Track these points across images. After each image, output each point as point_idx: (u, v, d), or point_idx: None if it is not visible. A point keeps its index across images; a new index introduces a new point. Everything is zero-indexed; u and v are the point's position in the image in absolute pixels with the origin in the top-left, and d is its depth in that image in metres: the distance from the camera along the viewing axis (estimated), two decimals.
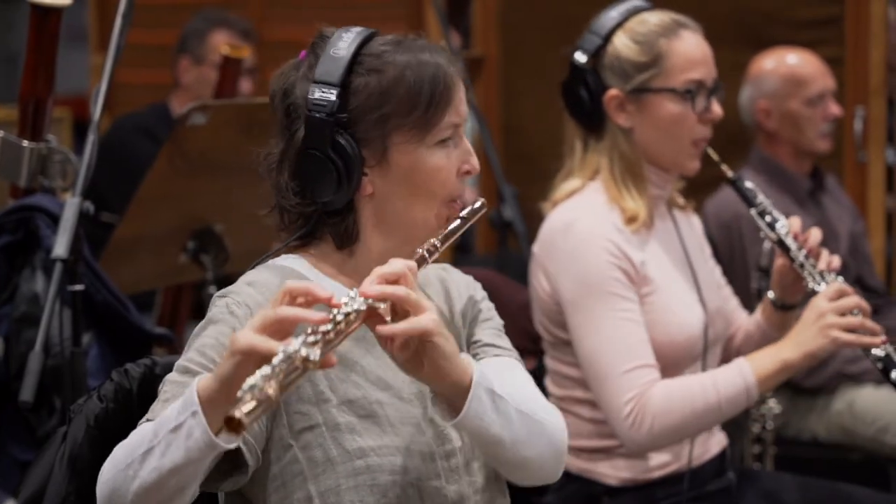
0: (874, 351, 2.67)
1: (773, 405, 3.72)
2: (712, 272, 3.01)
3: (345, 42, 2.05)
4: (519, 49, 5.56)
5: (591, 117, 2.81)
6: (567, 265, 2.73)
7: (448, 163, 2.07)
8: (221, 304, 2.02)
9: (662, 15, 2.81)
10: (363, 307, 1.82)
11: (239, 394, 1.66)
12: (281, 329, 1.76)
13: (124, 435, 1.91)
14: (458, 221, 2.07)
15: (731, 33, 2.78)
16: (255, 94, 4.64)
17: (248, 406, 1.66)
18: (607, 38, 2.80)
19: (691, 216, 3.02)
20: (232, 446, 1.81)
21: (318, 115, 2.02)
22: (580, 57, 2.82)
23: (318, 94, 2.02)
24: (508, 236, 4.09)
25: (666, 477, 2.82)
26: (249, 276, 2.08)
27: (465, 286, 2.23)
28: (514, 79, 5.58)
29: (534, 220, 4.73)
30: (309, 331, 1.76)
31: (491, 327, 2.21)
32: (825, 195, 4.28)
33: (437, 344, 1.88)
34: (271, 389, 1.66)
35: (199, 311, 4.04)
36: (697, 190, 3.05)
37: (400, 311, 1.87)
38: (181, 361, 1.97)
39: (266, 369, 1.68)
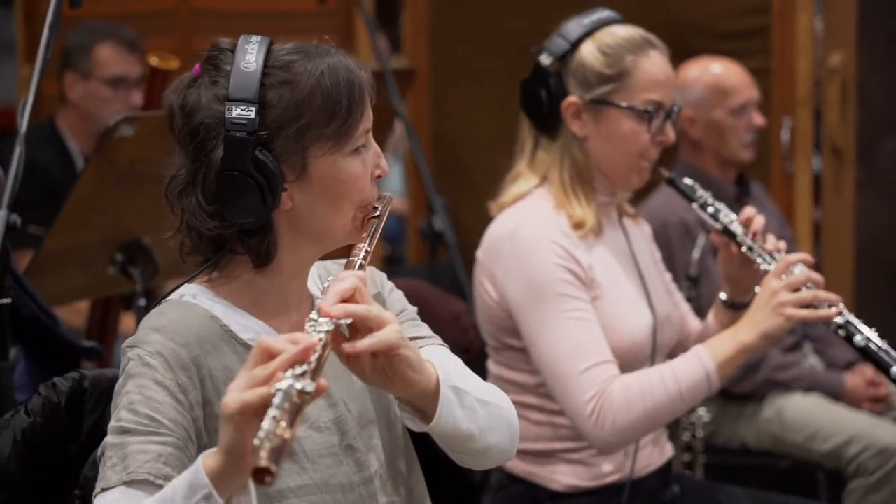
0: (835, 319, 2.66)
1: (703, 413, 3.75)
2: (662, 279, 3.02)
3: (252, 54, 1.98)
4: (448, 60, 5.57)
5: (547, 120, 2.82)
6: (515, 270, 2.74)
7: (364, 169, 2.04)
8: (134, 355, 1.96)
9: (633, 31, 2.82)
10: (331, 327, 1.79)
11: (256, 442, 1.60)
12: (272, 379, 1.69)
13: (52, 449, 1.89)
14: (375, 221, 2.05)
15: (669, 51, 2.81)
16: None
17: (269, 452, 1.60)
18: (575, 44, 2.80)
19: (641, 224, 3.03)
20: None
21: (238, 134, 1.95)
22: (545, 59, 2.81)
23: (236, 112, 1.95)
24: (439, 247, 4.09)
25: (610, 485, 2.83)
26: (154, 319, 2.01)
27: (370, 283, 2.20)
28: (443, 90, 5.58)
29: (464, 230, 4.75)
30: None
31: (406, 319, 2.20)
32: (752, 201, 4.31)
33: (404, 356, 1.87)
34: (283, 430, 1.61)
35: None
36: (636, 196, 3.07)
37: (362, 327, 1.84)
38: (115, 423, 1.91)
39: (270, 414, 1.62)
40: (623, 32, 2.80)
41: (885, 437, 3.96)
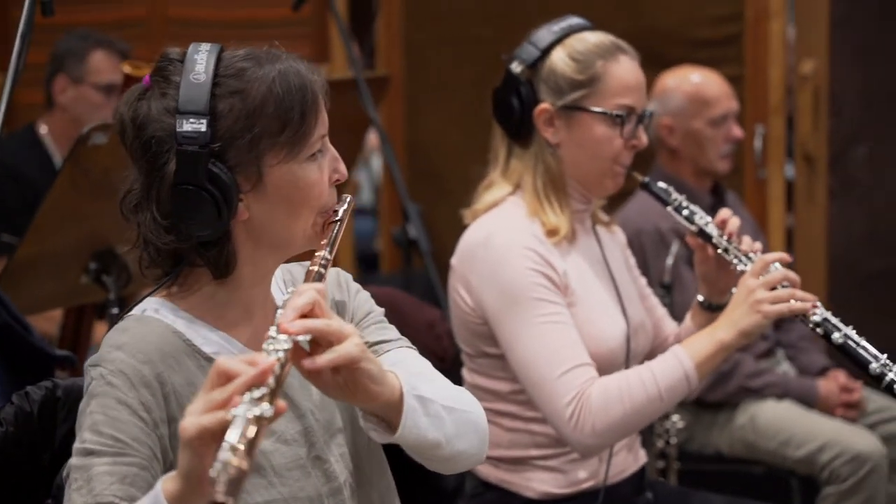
0: (811, 317, 2.65)
1: (677, 420, 3.75)
2: (636, 286, 3.02)
3: (201, 64, 1.94)
4: (422, 67, 5.58)
5: (520, 127, 2.82)
6: (490, 277, 2.74)
7: (321, 175, 2.01)
8: (96, 374, 1.93)
9: (602, 36, 2.82)
10: (289, 345, 1.74)
11: (212, 473, 1.56)
12: (230, 403, 1.65)
13: (25, 458, 1.88)
14: (336, 225, 2.02)
15: (640, 57, 2.82)
16: None
17: (226, 486, 1.56)
18: (546, 51, 2.80)
19: (615, 231, 3.03)
20: None
21: (190, 148, 1.91)
22: (516, 66, 2.81)
23: (187, 125, 1.91)
24: (413, 254, 4.10)
25: (584, 492, 2.83)
26: (116, 337, 1.98)
27: (336, 286, 2.19)
28: (417, 97, 5.59)
29: (438, 237, 4.75)
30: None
31: (373, 322, 2.18)
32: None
33: (365, 369, 1.83)
34: (240, 461, 1.57)
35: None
36: (610, 203, 3.08)
37: (323, 341, 1.81)
38: (79, 444, 1.88)
39: (227, 443, 1.58)
40: (593, 38, 2.81)
41: (858, 444, 3.97)
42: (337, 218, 2.03)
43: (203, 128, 1.91)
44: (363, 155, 6.32)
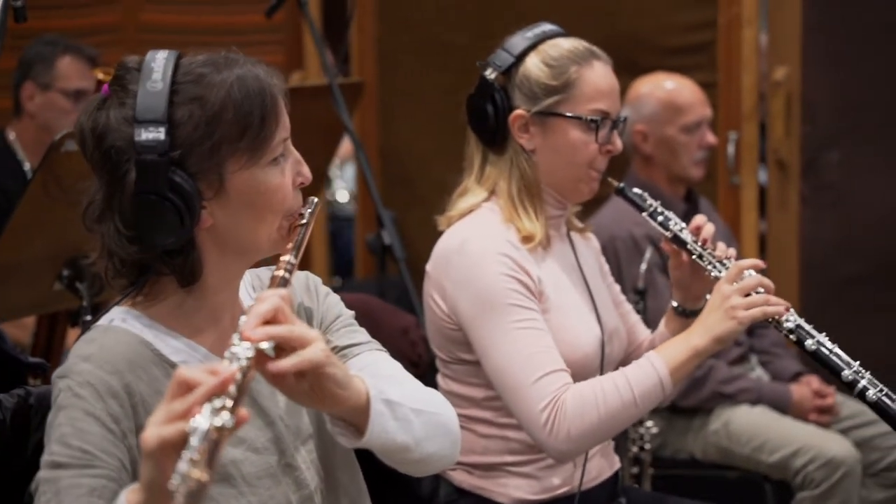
0: (785, 324, 2.67)
1: (651, 426, 3.76)
2: (610, 293, 3.03)
3: (158, 72, 1.93)
4: (396, 74, 5.58)
5: (494, 134, 2.82)
6: (464, 283, 2.73)
7: (284, 179, 2.00)
8: (64, 386, 1.92)
9: (576, 42, 2.83)
10: (252, 353, 1.72)
11: (170, 486, 1.55)
12: (191, 413, 1.63)
13: None
14: (301, 229, 2.01)
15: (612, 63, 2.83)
16: None
17: (186, 498, 1.54)
18: (520, 57, 2.80)
19: (590, 237, 3.04)
20: None
21: (149, 157, 1.90)
22: (490, 73, 2.81)
23: (145, 134, 1.90)
24: (387, 260, 4.10)
25: (558, 498, 2.83)
26: (83, 348, 1.97)
27: (304, 289, 2.19)
28: (391, 104, 5.59)
29: (412, 244, 4.75)
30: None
31: (343, 325, 2.18)
32: None
33: (330, 374, 1.82)
34: (199, 473, 1.55)
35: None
36: (585, 210, 3.08)
37: (287, 347, 1.79)
38: (47, 457, 1.87)
39: (186, 455, 1.57)
40: (567, 44, 2.82)
41: (831, 449, 3.99)
42: (303, 221, 2.02)
43: (161, 136, 1.90)
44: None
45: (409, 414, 1.98)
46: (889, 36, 5.06)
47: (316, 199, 2.07)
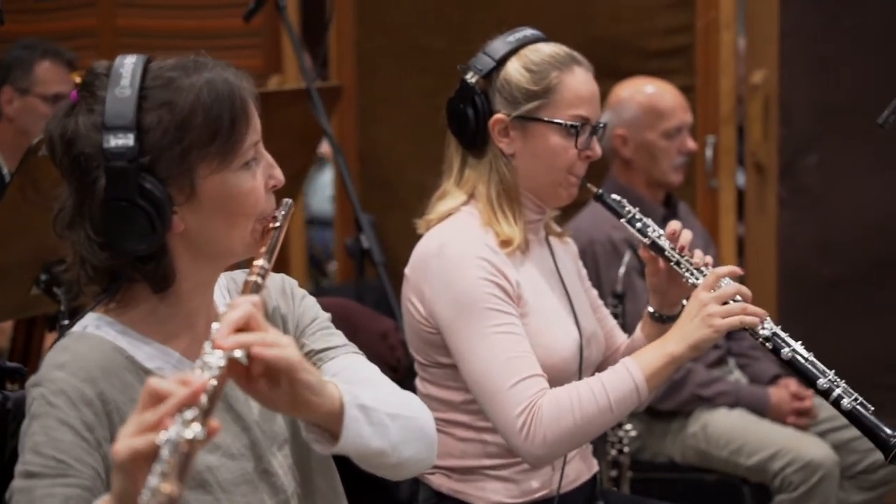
0: (761, 332, 2.67)
1: (630, 429, 3.77)
2: (588, 297, 3.03)
3: (126, 78, 1.91)
4: (375, 78, 5.58)
5: (474, 138, 2.82)
6: (442, 286, 2.73)
7: (256, 182, 1.99)
8: (37, 394, 1.90)
9: (557, 48, 2.84)
10: (223, 362, 1.70)
11: (142, 500, 1.52)
12: (162, 424, 1.63)
13: None
14: (274, 232, 2.00)
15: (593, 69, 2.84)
16: None
17: None
18: (501, 62, 2.81)
19: (568, 242, 3.04)
20: None
21: (118, 164, 1.88)
22: (471, 77, 2.82)
23: (114, 141, 1.88)
24: (366, 264, 4.09)
25: (537, 501, 2.83)
26: (56, 356, 1.95)
27: (279, 293, 2.17)
28: (370, 107, 5.59)
29: (391, 248, 4.75)
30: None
31: (319, 329, 2.17)
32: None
33: (303, 380, 1.81)
34: (170, 487, 1.53)
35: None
36: (564, 213, 3.09)
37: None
38: (21, 466, 1.86)
39: (157, 469, 1.54)
40: (548, 49, 2.83)
41: (809, 452, 4.00)
42: (276, 224, 2.01)
43: (130, 142, 1.89)
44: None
45: (385, 419, 1.97)
46: (866, 39, 5.08)
47: (290, 201, 2.06)
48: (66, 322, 3.38)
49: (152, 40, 5.51)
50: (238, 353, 1.73)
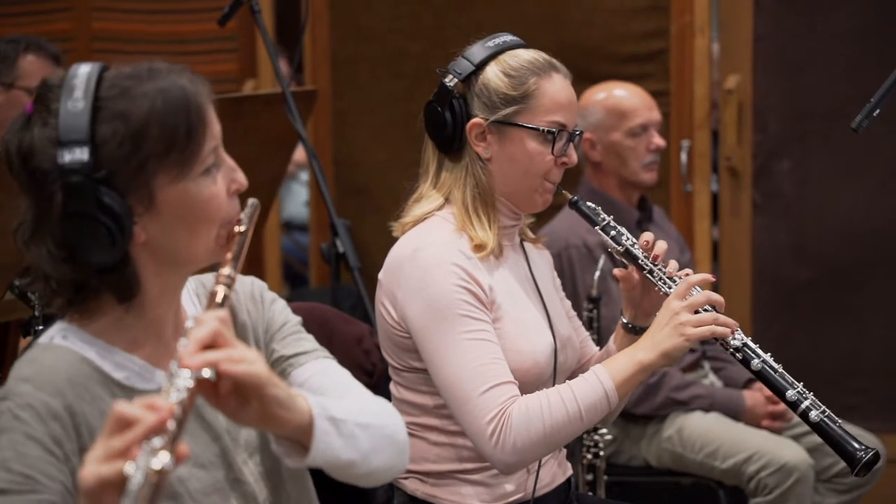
0: (731, 342, 2.68)
1: (605, 433, 3.77)
2: (562, 303, 3.04)
3: (80, 90, 1.88)
4: (350, 82, 5.57)
5: (451, 141, 2.82)
6: (415, 291, 2.73)
7: (217, 188, 1.96)
8: (4, 408, 1.89)
9: (536, 54, 2.84)
10: (191, 383, 1.70)
11: None
12: (129, 452, 1.61)
13: None
14: (240, 237, 1.98)
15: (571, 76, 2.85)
16: None
17: None
18: (480, 66, 2.82)
19: (542, 249, 3.05)
20: None
21: (74, 179, 1.86)
22: (449, 80, 2.83)
23: (68, 156, 1.86)
24: (341, 269, 4.09)
25: None
26: (24, 368, 1.93)
27: (248, 297, 2.16)
28: (345, 112, 5.59)
29: (366, 252, 4.75)
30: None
31: (288, 333, 2.16)
32: (652, 226, 4.35)
33: (272, 395, 1.81)
34: None
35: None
36: (539, 219, 3.09)
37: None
38: None
39: (126, 501, 1.54)
40: (527, 55, 2.83)
41: (784, 455, 4.01)
42: (241, 228, 1.99)
43: (85, 157, 1.86)
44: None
45: (355, 429, 1.96)
46: (839, 44, 5.10)
47: (255, 202, 2.04)
48: (41, 328, 3.37)
49: (128, 44, 5.50)
50: (206, 373, 1.72)
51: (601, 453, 3.76)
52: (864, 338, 5.10)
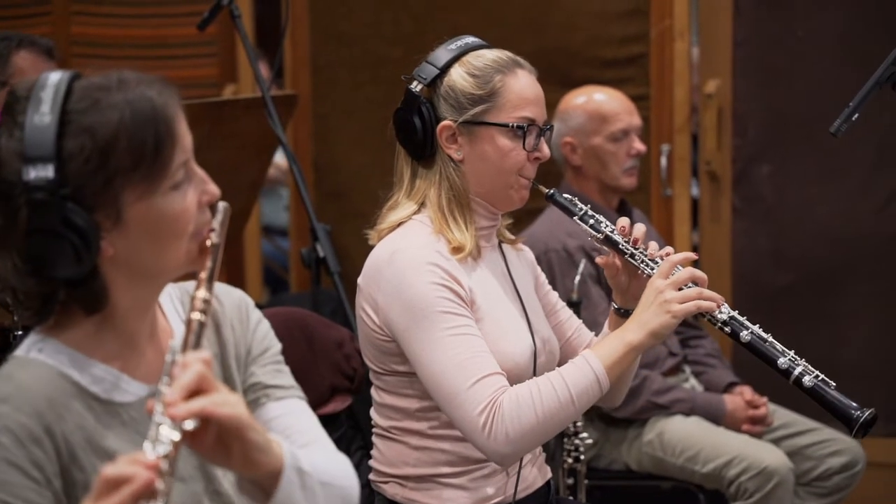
0: (719, 316, 2.69)
1: (586, 436, 3.77)
2: (547, 302, 3.04)
3: (47, 103, 1.83)
4: (330, 87, 5.57)
5: (423, 147, 2.83)
6: (395, 294, 2.73)
7: (187, 202, 1.92)
8: None
9: (499, 52, 2.85)
10: (177, 437, 1.70)
11: None
12: None
13: None
14: (212, 250, 1.94)
15: (537, 72, 2.85)
16: None
17: None
18: (444, 69, 2.82)
19: (522, 249, 3.05)
20: None
21: (39, 196, 1.81)
22: (415, 86, 2.83)
23: (33, 173, 1.81)
24: (322, 274, 4.09)
25: None
26: (1, 386, 1.90)
27: (235, 311, 2.14)
28: (325, 117, 5.58)
29: (346, 257, 4.74)
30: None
31: (270, 361, 2.15)
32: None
33: (251, 439, 1.81)
34: None
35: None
36: (518, 222, 3.09)
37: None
38: None
39: None
40: (490, 55, 2.84)
41: (764, 459, 4.02)
42: (213, 241, 1.95)
43: (50, 174, 1.82)
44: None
45: (316, 486, 1.94)
46: (819, 49, 5.11)
47: (226, 206, 2.00)
48: (20, 333, 3.36)
49: (107, 49, 5.49)
50: (189, 425, 1.72)
51: (582, 457, 3.76)
52: (843, 341, 5.12)
